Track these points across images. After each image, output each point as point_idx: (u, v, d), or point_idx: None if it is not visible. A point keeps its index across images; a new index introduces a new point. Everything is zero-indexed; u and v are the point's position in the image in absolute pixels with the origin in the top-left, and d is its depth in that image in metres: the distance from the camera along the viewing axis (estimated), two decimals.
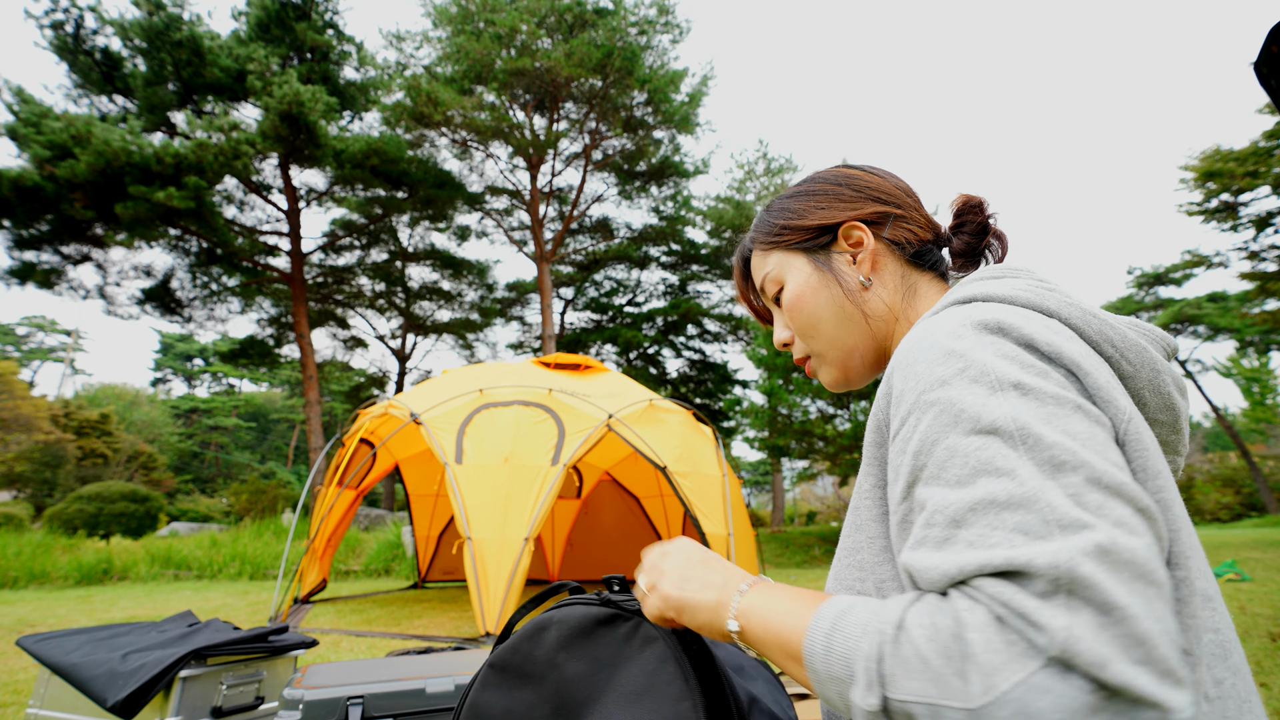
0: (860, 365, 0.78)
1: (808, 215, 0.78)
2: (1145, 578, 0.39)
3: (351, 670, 1.83)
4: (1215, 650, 0.50)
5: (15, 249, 15.05)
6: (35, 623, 6.13)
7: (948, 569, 0.43)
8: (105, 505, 14.37)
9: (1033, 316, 0.56)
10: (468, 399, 6.16)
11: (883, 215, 0.77)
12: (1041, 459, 0.43)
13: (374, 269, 20.74)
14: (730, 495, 6.46)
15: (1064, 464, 0.43)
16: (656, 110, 18.16)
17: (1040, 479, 0.42)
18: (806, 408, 13.20)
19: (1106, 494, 0.42)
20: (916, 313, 0.75)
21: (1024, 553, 0.40)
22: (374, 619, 6.26)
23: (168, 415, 38.01)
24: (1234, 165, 10.72)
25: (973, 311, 0.56)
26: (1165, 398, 0.61)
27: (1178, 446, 0.65)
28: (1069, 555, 0.38)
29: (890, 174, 0.81)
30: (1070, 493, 0.42)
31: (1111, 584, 0.38)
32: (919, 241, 0.77)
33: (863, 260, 0.76)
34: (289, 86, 13.76)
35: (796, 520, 27.37)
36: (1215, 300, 19.93)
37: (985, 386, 0.48)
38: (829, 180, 0.80)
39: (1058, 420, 0.45)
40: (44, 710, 2.22)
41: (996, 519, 0.42)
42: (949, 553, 0.43)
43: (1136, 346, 0.60)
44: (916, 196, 0.80)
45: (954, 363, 0.50)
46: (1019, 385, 0.47)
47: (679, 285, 23.85)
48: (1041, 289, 0.61)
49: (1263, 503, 19.82)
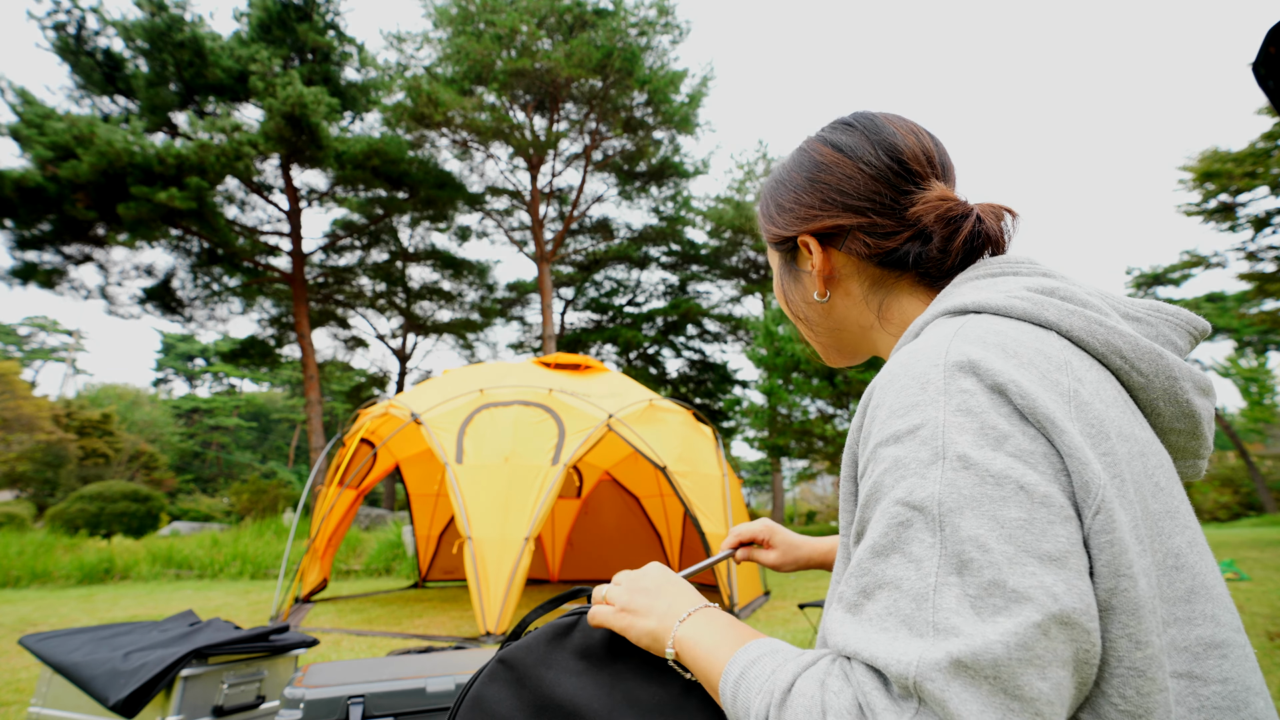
0: (845, 354, 0.78)
1: (775, 220, 0.75)
2: (1008, 692, 0.38)
3: (352, 669, 1.84)
4: (1222, 703, 0.47)
5: (17, 249, 15.08)
6: (37, 622, 6.15)
7: (840, 642, 0.46)
8: (107, 505, 14.38)
9: (1021, 342, 0.52)
10: (468, 399, 6.17)
11: (838, 229, 0.68)
12: (951, 551, 0.42)
13: (374, 269, 20.75)
14: (730, 495, 6.48)
15: (970, 562, 0.41)
16: (656, 111, 18.17)
17: (943, 574, 0.42)
18: (806, 407, 13.21)
19: (1008, 599, 0.40)
20: (896, 320, 0.69)
21: (889, 652, 0.41)
22: (374, 618, 6.27)
23: (169, 415, 38.02)
24: (1232, 166, 10.71)
25: (954, 338, 0.52)
26: (1183, 405, 0.57)
27: (1198, 450, 0.61)
28: (919, 668, 0.39)
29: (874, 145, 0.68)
30: (969, 593, 0.41)
31: (960, 700, 0.38)
32: (887, 250, 0.67)
33: (815, 277, 0.71)
34: (293, 88, 13.78)
35: (796, 520, 27.36)
36: (1213, 300, 19.92)
37: (930, 451, 0.46)
38: (800, 169, 0.73)
39: (988, 506, 0.43)
40: (46, 709, 2.24)
41: (893, 604, 0.43)
42: (848, 625, 0.45)
43: (1150, 354, 0.55)
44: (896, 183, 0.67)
45: (912, 416, 0.48)
46: (963, 458, 0.45)
47: (679, 285, 23.86)
48: (1041, 295, 0.57)
49: (1261, 502, 19.80)
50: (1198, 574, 0.50)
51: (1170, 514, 0.51)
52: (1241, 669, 0.49)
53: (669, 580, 0.67)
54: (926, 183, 0.67)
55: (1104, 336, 0.55)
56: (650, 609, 0.65)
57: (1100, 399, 0.51)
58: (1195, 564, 0.51)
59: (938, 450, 0.46)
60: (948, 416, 0.47)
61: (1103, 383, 0.54)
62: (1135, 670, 0.44)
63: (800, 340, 12.15)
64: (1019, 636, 0.39)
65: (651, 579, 0.68)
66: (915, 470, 0.46)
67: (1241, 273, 11.96)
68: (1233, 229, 11.78)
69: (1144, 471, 0.51)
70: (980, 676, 0.38)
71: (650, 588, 0.67)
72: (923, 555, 0.43)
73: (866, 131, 0.70)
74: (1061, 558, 0.42)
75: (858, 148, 0.69)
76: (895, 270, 0.69)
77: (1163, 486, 0.52)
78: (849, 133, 0.71)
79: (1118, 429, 0.51)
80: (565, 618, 0.72)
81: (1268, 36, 0.76)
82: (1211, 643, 0.48)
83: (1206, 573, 0.51)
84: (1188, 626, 0.48)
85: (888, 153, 0.68)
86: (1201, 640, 0.48)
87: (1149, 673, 0.44)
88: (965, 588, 0.41)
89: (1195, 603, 0.49)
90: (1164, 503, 0.51)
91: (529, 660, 0.69)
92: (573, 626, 0.71)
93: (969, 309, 0.57)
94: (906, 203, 0.67)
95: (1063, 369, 0.51)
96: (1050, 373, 0.50)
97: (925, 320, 0.61)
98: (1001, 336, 0.52)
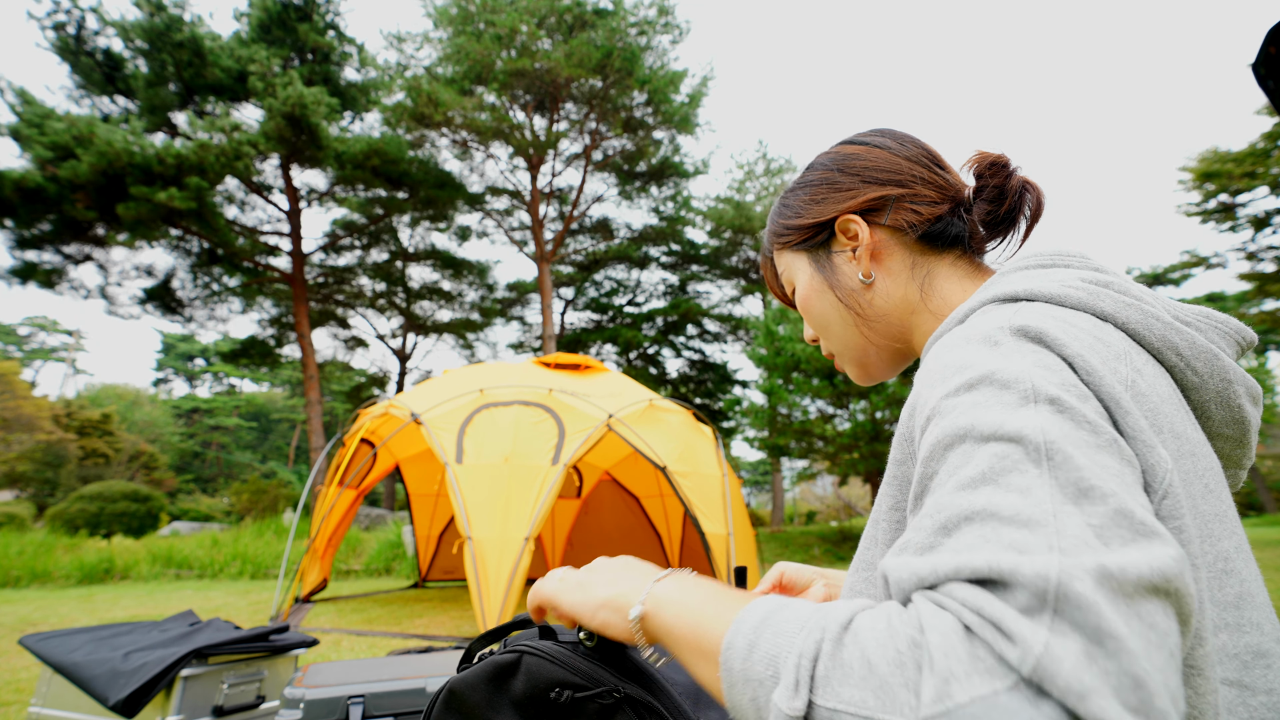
0: (878, 362, 0.74)
1: (804, 213, 0.73)
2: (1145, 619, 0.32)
3: (352, 669, 1.85)
4: (1269, 714, 0.45)
5: (17, 249, 15.09)
6: (37, 622, 6.15)
7: (919, 569, 0.37)
8: (107, 505, 14.39)
9: (1080, 327, 0.49)
10: (468, 399, 6.18)
11: (880, 200, 0.68)
12: (1065, 480, 0.36)
13: (374, 269, 20.75)
14: (730, 495, 6.48)
15: (1091, 489, 0.36)
16: (656, 111, 18.17)
17: (1058, 502, 0.35)
18: (806, 407, 13.21)
19: (1136, 531, 0.34)
20: (940, 301, 0.67)
21: (1010, 559, 0.33)
22: (374, 618, 6.28)
23: (169, 415, 38.03)
24: (1232, 166, 10.73)
25: (1013, 315, 0.49)
26: (1235, 410, 0.55)
27: (1241, 460, 0.59)
28: (1061, 568, 0.32)
29: (898, 142, 0.72)
30: (1092, 523, 0.34)
31: (1110, 610, 0.31)
32: (929, 219, 0.68)
33: (860, 256, 0.69)
34: (293, 88, 13.79)
35: (796, 520, 27.37)
36: (1214, 300, 19.91)
37: (1017, 394, 0.41)
38: (826, 166, 0.73)
39: (1089, 450, 0.38)
40: (46, 709, 2.24)
41: (993, 533, 0.35)
42: (928, 557, 0.37)
43: (1206, 354, 0.53)
44: (931, 163, 0.70)
45: (984, 365, 0.44)
46: (1055, 401, 0.40)
47: (679, 285, 23.85)
48: (1096, 287, 0.54)
49: (1261, 502, 19.82)
50: (1245, 580, 0.48)
51: (1219, 517, 0.49)
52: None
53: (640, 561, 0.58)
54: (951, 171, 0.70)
55: (1160, 332, 0.53)
56: (615, 578, 0.55)
57: (1156, 393, 0.49)
58: (1242, 570, 0.48)
59: (1026, 392, 0.41)
60: (1026, 366, 0.43)
61: (1158, 378, 0.51)
62: (1194, 669, 0.41)
63: (800, 340, 12.15)
64: (1159, 564, 0.33)
65: (620, 560, 0.59)
66: (1002, 409, 0.41)
67: (1241, 273, 11.98)
68: (1233, 229, 11.80)
69: (1194, 471, 0.48)
70: (1122, 592, 0.32)
71: (616, 565, 0.58)
72: (1029, 484, 0.36)
73: (886, 134, 0.73)
74: (1149, 509, 0.38)
75: (883, 143, 0.72)
76: (936, 247, 0.69)
77: (1212, 489, 0.49)
78: (869, 137, 0.73)
79: (1170, 425, 0.48)
80: (506, 653, 0.64)
81: (1268, 36, 0.76)
82: (1259, 651, 0.46)
83: (1252, 580, 0.49)
84: (1237, 633, 0.46)
85: (915, 144, 0.71)
86: (1250, 648, 0.46)
87: (1206, 671, 0.41)
88: (1087, 517, 0.35)
89: (1244, 609, 0.47)
90: (1213, 505, 0.49)
91: (474, 699, 0.64)
92: (514, 667, 0.62)
93: (1020, 296, 0.54)
94: (944, 179, 0.69)
95: (1122, 358, 0.49)
96: (1110, 360, 0.48)
97: (971, 307, 0.57)
98: (1062, 318, 0.50)
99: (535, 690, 0.60)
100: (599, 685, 0.58)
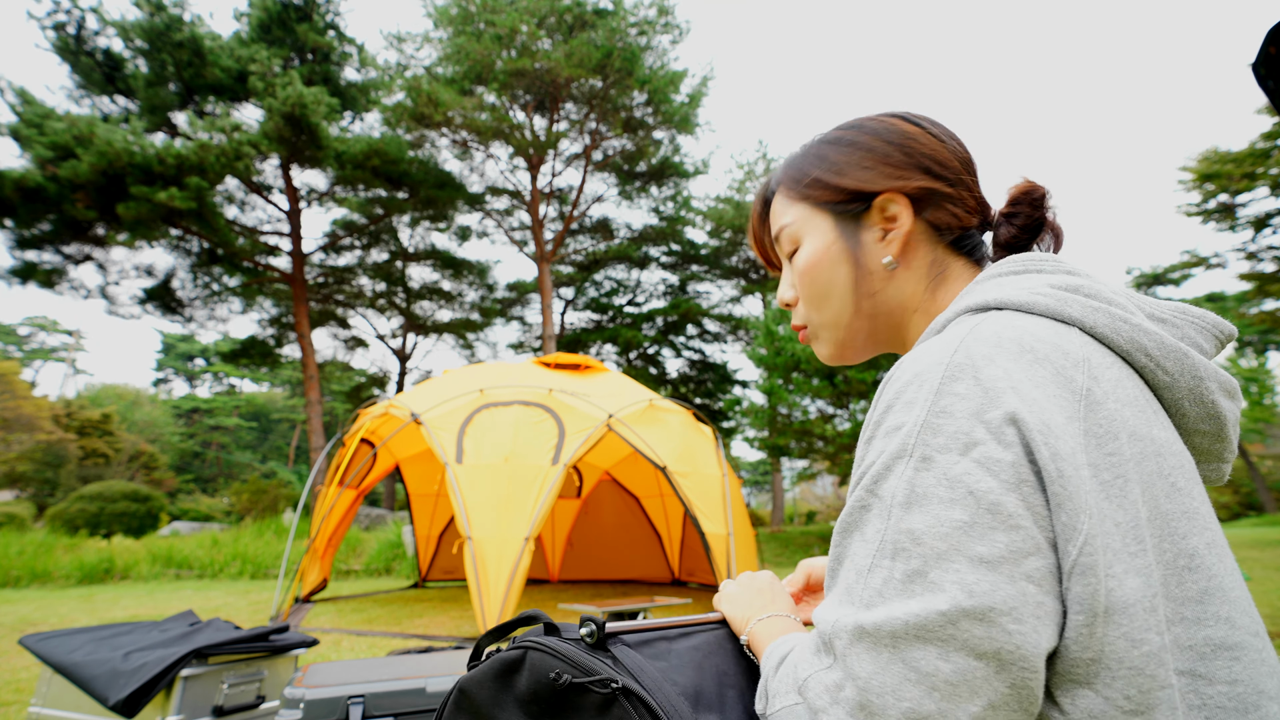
0: (859, 347, 0.73)
1: (846, 174, 0.69)
2: (906, 662, 0.45)
3: (352, 669, 1.85)
4: (1227, 703, 0.47)
5: (17, 249, 15.09)
6: (37, 622, 6.15)
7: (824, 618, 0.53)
8: (107, 505, 14.39)
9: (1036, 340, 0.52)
10: (468, 399, 6.18)
11: (929, 192, 0.67)
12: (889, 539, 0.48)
13: (374, 269, 20.75)
14: (730, 495, 6.48)
15: (901, 551, 0.47)
16: (656, 111, 18.17)
17: (879, 557, 0.48)
18: (806, 407, 13.22)
19: (924, 587, 0.46)
20: (937, 305, 0.68)
21: (822, 615, 0.51)
22: (374, 618, 6.28)
23: (169, 415, 38.04)
24: (1231, 167, 10.73)
25: (964, 341, 0.52)
26: (1209, 406, 0.57)
27: (1222, 454, 0.61)
28: (834, 628, 0.49)
29: (953, 138, 0.70)
30: (894, 576, 0.47)
31: (858, 660, 0.46)
32: (962, 226, 0.68)
33: (893, 240, 0.67)
34: (292, 88, 13.78)
35: (796, 520, 27.38)
36: (1214, 300, 19.92)
37: (898, 446, 0.50)
38: (881, 135, 0.69)
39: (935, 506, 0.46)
40: (46, 709, 2.24)
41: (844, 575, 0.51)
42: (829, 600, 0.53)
43: (1176, 353, 0.55)
44: (974, 169, 0.70)
45: (897, 413, 0.52)
46: (926, 460, 0.48)
47: (679, 285, 23.85)
48: (1064, 293, 0.56)
49: (1261, 502, 19.83)
50: (1214, 576, 0.50)
51: (1188, 515, 0.51)
52: (1255, 672, 0.49)
53: (772, 585, 0.76)
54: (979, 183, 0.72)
55: (1128, 334, 0.55)
56: (749, 603, 0.73)
57: (1116, 398, 0.51)
58: (1212, 566, 0.50)
59: (906, 447, 0.50)
60: (927, 417, 0.50)
61: (1123, 380, 0.53)
62: (1135, 669, 0.45)
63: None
64: (920, 618, 0.44)
65: (763, 580, 0.77)
66: (884, 462, 0.51)
67: (1241, 273, 11.98)
68: (1233, 229, 11.80)
69: (1158, 471, 0.50)
70: (880, 644, 0.45)
71: (759, 588, 0.76)
72: (871, 537, 0.49)
73: (940, 127, 0.71)
74: (994, 562, 0.44)
75: (938, 132, 0.70)
76: (955, 252, 0.70)
77: (1180, 487, 0.51)
78: (925, 122, 0.71)
79: (1130, 429, 0.50)
80: (512, 650, 0.65)
81: (1268, 36, 0.76)
82: (1222, 644, 0.48)
83: (1224, 575, 0.51)
84: (1196, 626, 0.48)
85: (960, 144, 0.71)
86: (1210, 641, 0.48)
87: (1148, 670, 0.45)
88: (893, 571, 0.47)
89: (1208, 604, 0.49)
90: (1180, 503, 0.51)
91: (482, 697, 0.66)
92: (519, 664, 0.64)
93: (990, 305, 0.57)
94: (980, 191, 0.71)
95: (1079, 365, 0.51)
96: (1065, 369, 0.51)
97: (948, 317, 0.60)
98: (1019, 331, 0.52)
99: (539, 686, 0.62)
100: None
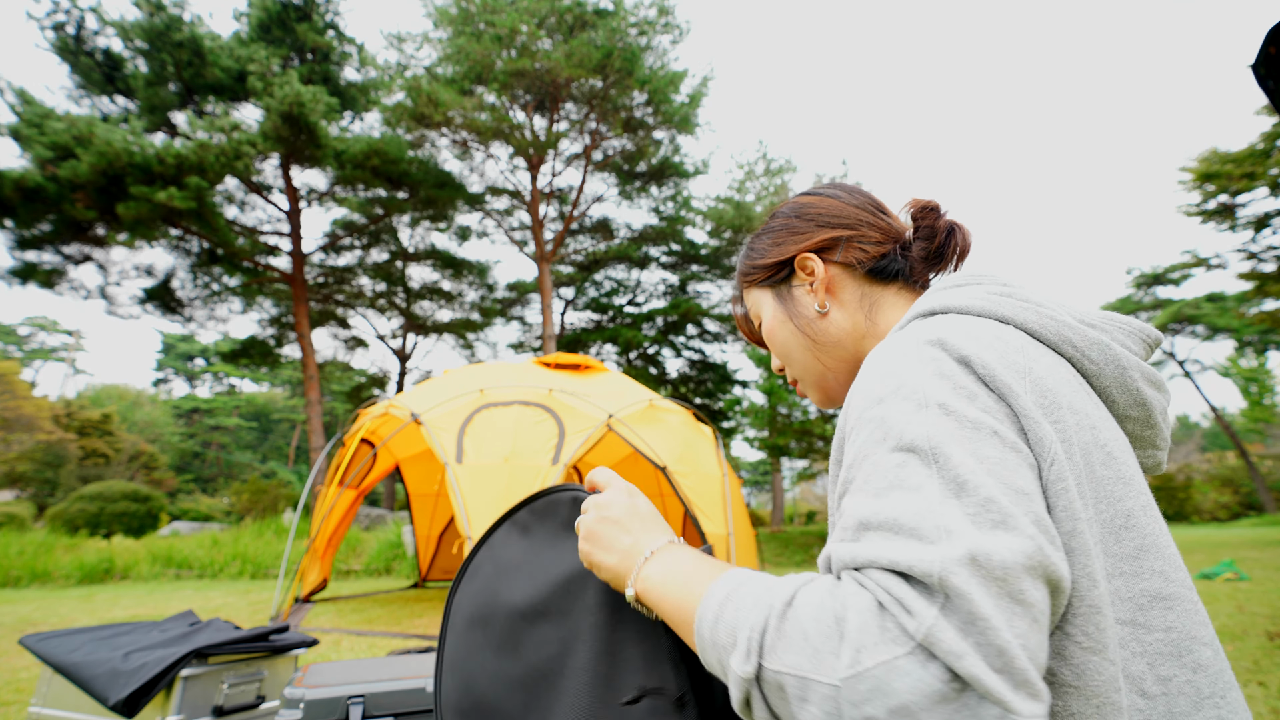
0: (836, 385, 0.82)
1: (768, 253, 0.83)
2: (1012, 595, 0.41)
3: (352, 669, 1.85)
4: (1164, 649, 0.52)
5: (17, 249, 15.08)
6: (37, 622, 6.15)
7: (845, 555, 0.47)
8: (107, 505, 14.40)
9: (981, 331, 0.58)
10: (468, 399, 6.17)
11: (832, 240, 0.79)
12: (947, 478, 0.46)
13: (374, 269, 20.75)
14: (730, 495, 6.48)
15: (966, 484, 0.45)
16: (656, 111, 18.16)
17: (942, 496, 0.45)
18: (806, 407, 13.22)
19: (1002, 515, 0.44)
20: (884, 326, 0.77)
21: (910, 555, 0.42)
22: (375, 618, 6.28)
23: (169, 415, 38.05)
24: (1231, 167, 10.73)
25: (926, 328, 0.59)
26: (1134, 394, 0.63)
27: (1155, 440, 0.67)
28: (944, 563, 0.41)
29: (848, 193, 0.83)
30: (967, 511, 0.44)
31: (980, 596, 0.40)
32: (875, 257, 0.78)
33: (817, 289, 0.79)
34: (290, 87, 13.78)
35: (796, 520, 27.39)
36: (1214, 300, 19.95)
37: (913, 404, 0.51)
38: (786, 214, 0.84)
39: (969, 444, 0.48)
40: (46, 709, 2.24)
41: (900, 525, 0.45)
42: (853, 546, 0.47)
43: (1098, 345, 0.62)
44: (875, 209, 0.81)
45: (891, 381, 0.54)
46: (943, 405, 0.50)
47: (679, 285, 23.83)
48: (998, 296, 0.64)
49: (1261, 502, 19.82)
50: (1148, 534, 0.55)
51: (1123, 480, 0.56)
52: (1188, 620, 0.54)
53: (635, 511, 0.67)
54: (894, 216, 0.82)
55: (1055, 329, 0.62)
56: (613, 543, 0.65)
57: (1054, 377, 0.57)
58: (1147, 525, 0.55)
59: (921, 401, 0.51)
60: (922, 376, 0.53)
61: (1057, 366, 0.59)
62: (1094, 607, 0.49)
63: None
64: (1018, 545, 0.42)
65: (619, 508, 0.68)
66: (902, 420, 0.50)
67: (1241, 273, 11.98)
68: (1233, 229, 11.81)
69: (1094, 441, 0.56)
70: (990, 577, 0.41)
71: (617, 518, 0.67)
72: (921, 484, 0.46)
73: (837, 187, 0.84)
74: (1032, 493, 0.47)
75: (834, 194, 0.83)
76: (882, 280, 0.79)
77: (1115, 456, 0.57)
78: (822, 189, 0.84)
79: (1069, 402, 0.56)
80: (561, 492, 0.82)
81: (1268, 37, 0.76)
82: (1158, 595, 0.53)
83: (1158, 534, 0.56)
84: (1134, 580, 0.53)
85: (862, 194, 0.83)
86: (1147, 592, 0.53)
87: (1103, 609, 0.49)
88: (964, 507, 0.44)
89: (1144, 559, 0.54)
90: (1115, 470, 0.56)
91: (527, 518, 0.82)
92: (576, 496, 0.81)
93: (937, 310, 0.65)
94: (886, 223, 0.80)
95: (1019, 351, 0.57)
96: (1008, 353, 0.56)
97: (901, 324, 0.67)
98: (965, 324, 0.59)
99: None
100: None
